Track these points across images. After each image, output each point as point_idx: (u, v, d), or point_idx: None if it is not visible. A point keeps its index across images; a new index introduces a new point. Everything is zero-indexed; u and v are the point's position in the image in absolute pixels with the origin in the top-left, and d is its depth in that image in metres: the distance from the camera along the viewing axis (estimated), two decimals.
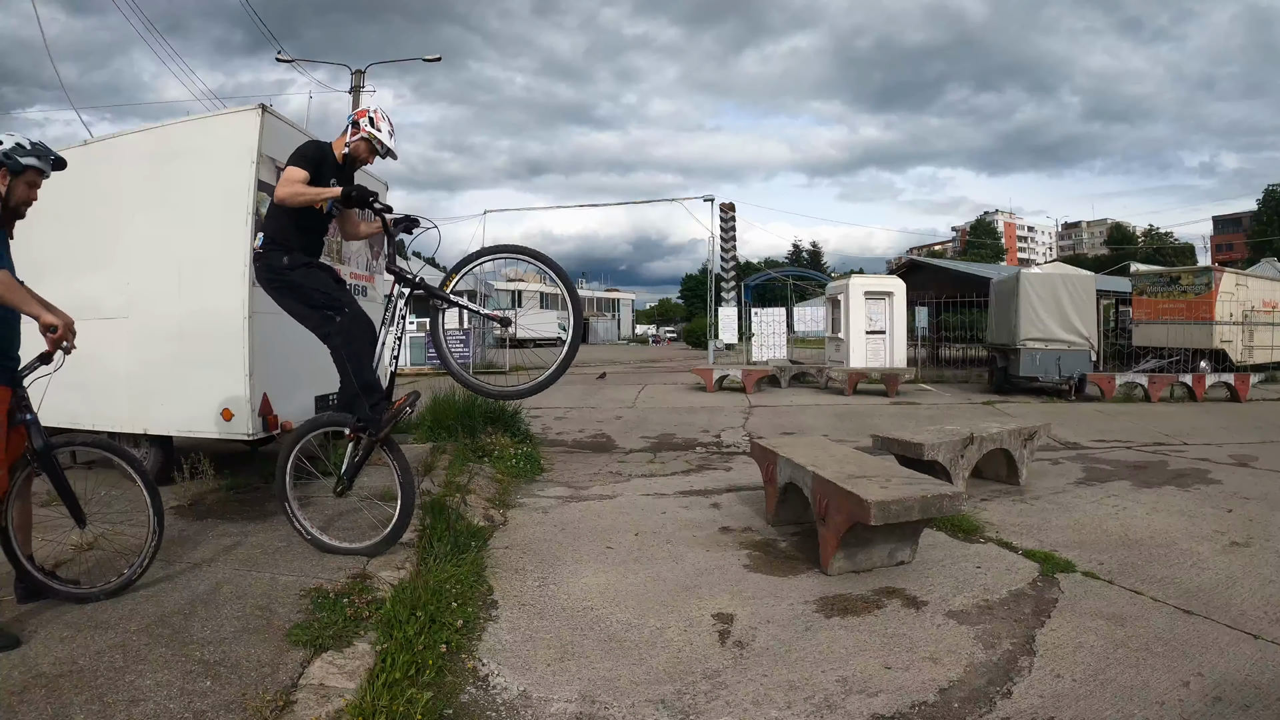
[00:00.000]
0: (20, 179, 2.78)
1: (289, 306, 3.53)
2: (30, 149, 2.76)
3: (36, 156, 2.78)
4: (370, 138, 3.47)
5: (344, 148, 3.53)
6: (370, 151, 3.54)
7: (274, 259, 3.45)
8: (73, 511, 2.95)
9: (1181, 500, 4.93)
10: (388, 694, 2.19)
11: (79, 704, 2.09)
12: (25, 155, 2.75)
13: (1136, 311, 15.49)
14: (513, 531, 4.27)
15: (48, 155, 2.82)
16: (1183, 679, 2.44)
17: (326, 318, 3.43)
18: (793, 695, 2.39)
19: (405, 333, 3.66)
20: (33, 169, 2.79)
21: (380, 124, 3.49)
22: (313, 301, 3.46)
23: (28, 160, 2.75)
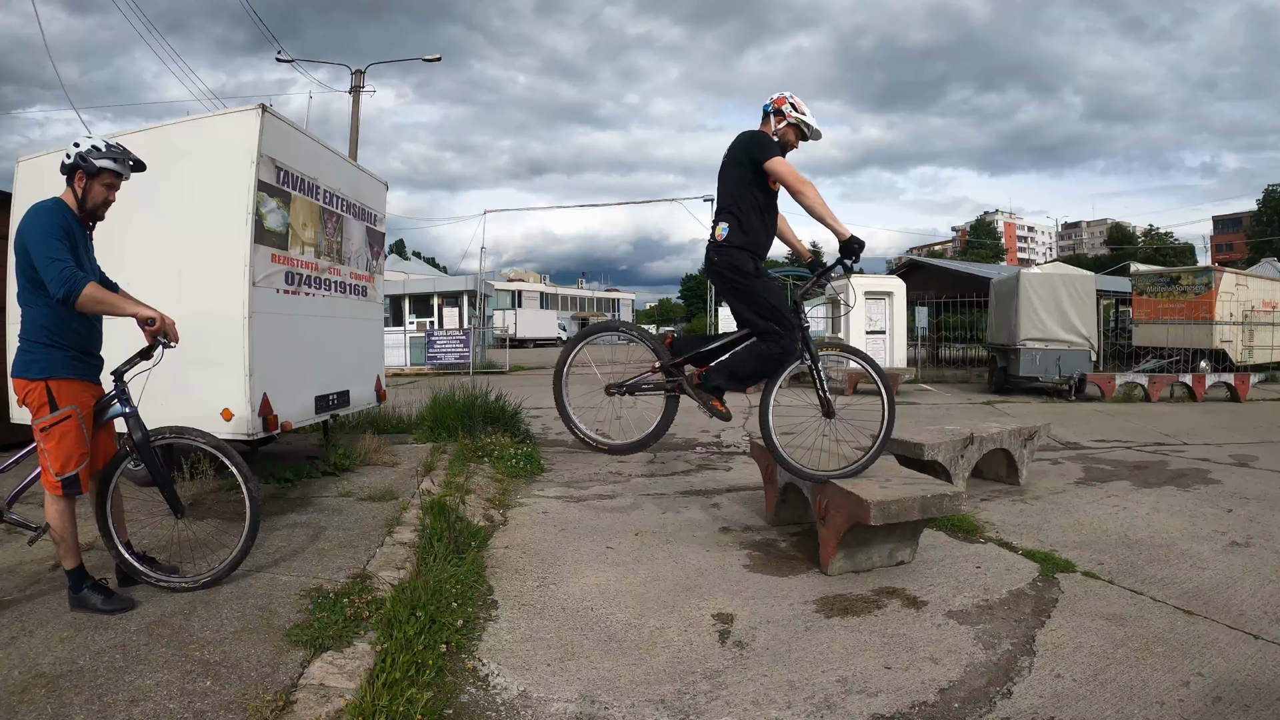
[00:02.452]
0: (97, 180, 2.80)
1: (736, 307, 3.67)
2: (106, 151, 2.79)
3: (113, 159, 2.80)
4: (798, 123, 3.49)
5: (775, 136, 3.53)
6: (799, 136, 3.54)
7: (740, 260, 3.53)
8: (170, 501, 3.05)
9: (1181, 500, 4.93)
10: (388, 694, 2.19)
11: (79, 704, 2.09)
12: (100, 157, 2.78)
13: (1136, 311, 15.50)
14: (513, 531, 4.27)
15: (125, 159, 2.85)
16: (1183, 679, 2.44)
17: (775, 333, 3.53)
18: (793, 695, 2.39)
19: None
20: (109, 171, 2.81)
21: (803, 107, 3.49)
22: (765, 313, 3.55)
23: (103, 162, 2.78)
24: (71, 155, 2.77)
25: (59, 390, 2.74)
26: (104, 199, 2.87)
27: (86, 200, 2.82)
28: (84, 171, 2.78)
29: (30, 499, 4.39)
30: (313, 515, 4.12)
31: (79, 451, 2.79)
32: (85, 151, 2.77)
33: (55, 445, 2.74)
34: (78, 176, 2.79)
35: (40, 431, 2.75)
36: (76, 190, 2.80)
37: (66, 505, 2.78)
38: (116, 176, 2.85)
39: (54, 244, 2.64)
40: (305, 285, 4.92)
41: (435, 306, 25.17)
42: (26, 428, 5.15)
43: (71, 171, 2.80)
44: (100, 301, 2.69)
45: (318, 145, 5.19)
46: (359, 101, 17.12)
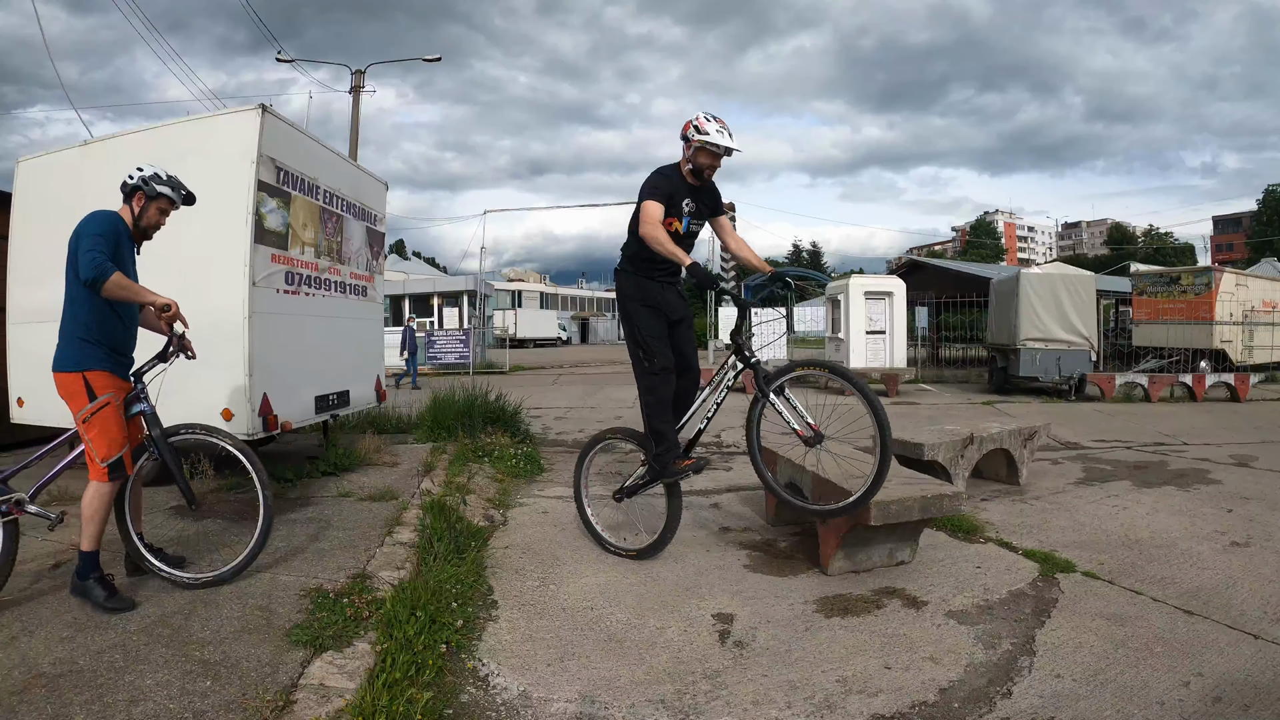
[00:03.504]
0: (153, 203, 3.12)
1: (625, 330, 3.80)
2: (165, 180, 3.13)
3: (170, 188, 3.13)
4: (702, 144, 3.49)
5: (687, 165, 3.58)
6: (712, 156, 3.54)
7: (624, 281, 3.73)
8: (185, 494, 3.19)
9: (1181, 500, 4.93)
10: (388, 694, 2.19)
11: (79, 704, 2.09)
12: (161, 184, 3.11)
13: (1136, 311, 15.50)
14: (513, 531, 4.27)
15: (180, 189, 3.17)
16: (1183, 679, 2.44)
17: (639, 359, 3.66)
18: (793, 695, 2.39)
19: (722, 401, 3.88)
20: (164, 197, 3.13)
21: (706, 126, 3.47)
22: (635, 339, 3.68)
23: (162, 189, 3.11)
24: (134, 178, 3.08)
25: (95, 381, 2.94)
26: (156, 221, 3.18)
27: (141, 219, 3.12)
28: (144, 194, 3.09)
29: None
30: (313, 515, 4.11)
31: (120, 436, 2.97)
32: (148, 176, 3.08)
33: (98, 434, 2.91)
34: (137, 197, 3.10)
35: (82, 423, 2.92)
36: (134, 209, 3.10)
37: (110, 490, 2.94)
38: (170, 203, 3.17)
39: (99, 240, 2.89)
40: (305, 285, 4.92)
41: (435, 306, 25.19)
42: (26, 428, 5.18)
43: (132, 192, 3.10)
44: (124, 288, 2.87)
45: (318, 145, 5.19)
46: (359, 101, 17.13)
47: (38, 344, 4.89)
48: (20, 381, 5.05)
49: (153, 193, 3.10)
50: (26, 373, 5.01)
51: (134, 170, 3.11)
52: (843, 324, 14.49)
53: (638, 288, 3.67)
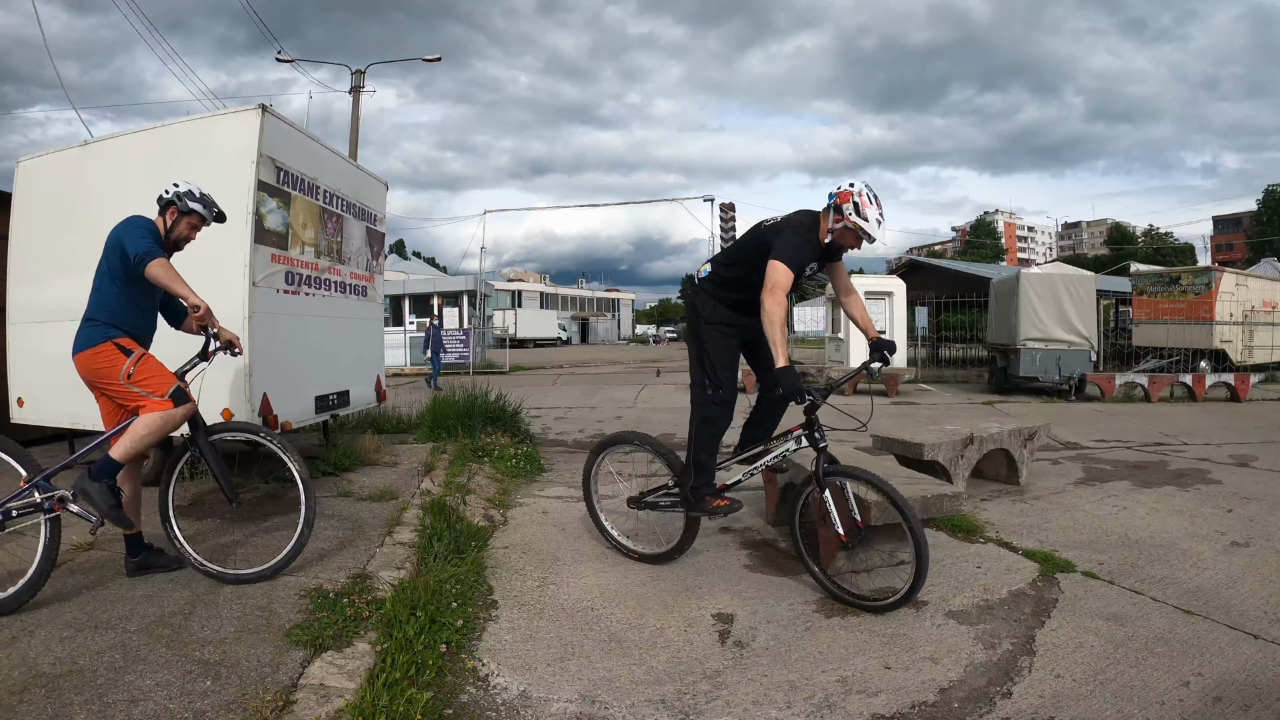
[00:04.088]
0: (185, 219, 3.26)
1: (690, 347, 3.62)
2: (199, 198, 3.26)
3: (203, 205, 3.27)
4: (856, 228, 3.19)
5: (828, 236, 3.29)
6: (856, 240, 3.28)
7: (702, 300, 3.53)
8: (226, 492, 3.28)
9: (1181, 500, 4.93)
10: (388, 694, 2.19)
11: (79, 704, 2.09)
12: (193, 201, 3.24)
13: (1136, 311, 15.50)
14: (513, 531, 4.27)
15: (211, 207, 3.32)
16: (1183, 679, 2.44)
17: (703, 384, 3.45)
18: (793, 695, 2.39)
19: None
20: (196, 214, 3.26)
21: (867, 211, 3.17)
22: (702, 364, 3.47)
23: (194, 205, 3.24)
24: (169, 193, 3.22)
25: (123, 342, 3.06)
26: (186, 236, 3.31)
27: (173, 231, 3.25)
28: (177, 209, 3.23)
29: None
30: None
31: (167, 372, 3.08)
32: (183, 192, 3.22)
33: (146, 377, 3.01)
34: (170, 211, 3.24)
35: (127, 381, 2.99)
36: (166, 221, 3.24)
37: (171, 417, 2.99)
38: (201, 220, 3.30)
39: (146, 232, 3.10)
40: (305, 285, 4.92)
41: (435, 306, 25.19)
42: (26, 428, 5.17)
43: (166, 206, 3.24)
44: (166, 273, 2.97)
45: (318, 145, 5.19)
46: (359, 101, 17.13)
47: (38, 344, 4.91)
48: (20, 381, 5.05)
49: (185, 208, 3.22)
50: (26, 373, 5.01)
51: (169, 185, 3.24)
52: (843, 324, 14.50)
53: (714, 311, 3.49)
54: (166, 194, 3.24)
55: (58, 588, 2.95)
